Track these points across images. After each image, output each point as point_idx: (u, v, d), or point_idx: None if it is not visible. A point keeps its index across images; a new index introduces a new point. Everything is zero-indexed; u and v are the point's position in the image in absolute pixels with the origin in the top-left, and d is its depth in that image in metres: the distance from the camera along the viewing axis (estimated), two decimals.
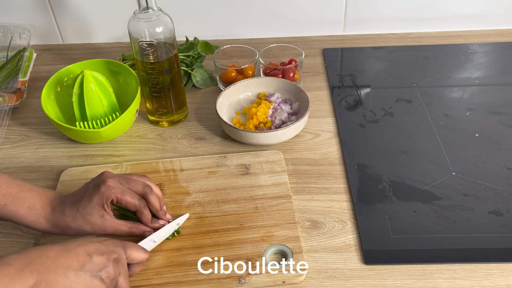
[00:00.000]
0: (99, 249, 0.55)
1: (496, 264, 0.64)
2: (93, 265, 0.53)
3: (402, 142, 0.84)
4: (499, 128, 0.85)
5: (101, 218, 0.64)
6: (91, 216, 0.63)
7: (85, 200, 0.64)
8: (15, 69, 1.00)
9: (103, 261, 0.54)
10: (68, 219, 0.64)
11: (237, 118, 0.88)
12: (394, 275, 0.64)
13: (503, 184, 0.75)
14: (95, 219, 0.63)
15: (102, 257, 0.54)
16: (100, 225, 0.64)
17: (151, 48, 0.78)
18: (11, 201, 0.63)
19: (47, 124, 0.91)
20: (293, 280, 0.62)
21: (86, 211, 0.63)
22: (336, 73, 1.01)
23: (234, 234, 0.68)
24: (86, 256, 0.53)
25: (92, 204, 0.63)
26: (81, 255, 0.53)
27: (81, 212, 0.63)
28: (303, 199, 0.74)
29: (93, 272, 0.53)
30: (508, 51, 1.06)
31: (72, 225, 0.64)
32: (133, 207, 0.65)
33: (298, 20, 1.12)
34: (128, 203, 0.64)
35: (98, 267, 0.54)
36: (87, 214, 0.63)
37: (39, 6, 1.08)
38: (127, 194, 0.64)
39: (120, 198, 0.64)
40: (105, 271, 0.54)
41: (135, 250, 0.60)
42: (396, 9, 1.09)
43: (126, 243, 0.59)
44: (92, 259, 0.53)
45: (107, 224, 0.64)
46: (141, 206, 0.65)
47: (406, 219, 0.70)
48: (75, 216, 0.63)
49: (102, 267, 0.54)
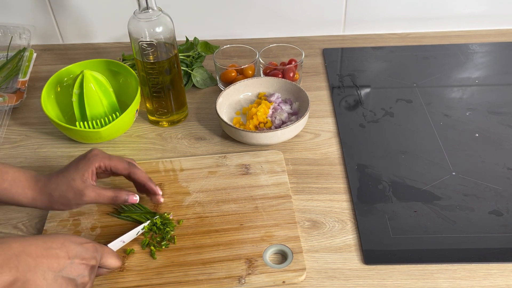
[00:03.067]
0: (80, 253, 0.54)
1: (496, 264, 0.64)
2: (72, 269, 0.53)
3: (402, 142, 0.84)
4: (499, 128, 0.85)
5: (83, 183, 0.64)
6: (74, 182, 0.64)
7: (71, 167, 0.65)
8: (15, 69, 1.00)
9: (82, 267, 0.54)
10: (52, 187, 0.64)
11: (237, 118, 0.88)
12: (394, 275, 0.64)
13: (503, 184, 0.75)
14: (77, 185, 0.64)
15: (82, 262, 0.54)
16: (82, 191, 0.64)
17: (151, 48, 0.78)
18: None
19: (47, 124, 0.91)
20: (293, 280, 0.62)
21: (70, 177, 0.64)
22: (336, 73, 1.01)
23: (234, 234, 0.68)
24: (66, 259, 0.53)
25: (78, 170, 0.64)
26: (62, 258, 0.52)
27: (66, 178, 0.64)
28: (303, 199, 0.74)
29: (70, 276, 0.53)
30: (508, 51, 1.06)
31: (55, 193, 0.64)
32: (124, 169, 0.66)
33: (298, 20, 1.12)
34: (118, 166, 0.65)
35: (76, 272, 0.53)
36: (71, 180, 0.64)
37: (39, 6, 1.08)
38: (115, 159, 0.65)
39: (108, 164, 0.65)
40: (81, 276, 0.54)
41: (110, 257, 0.60)
42: (396, 9, 1.09)
43: (104, 248, 0.59)
44: (72, 263, 0.53)
45: (89, 190, 0.64)
46: (131, 166, 0.66)
47: (406, 219, 0.70)
48: (59, 182, 0.64)
49: (79, 272, 0.54)
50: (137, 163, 0.79)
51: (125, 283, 0.62)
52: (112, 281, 0.63)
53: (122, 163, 0.66)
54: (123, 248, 0.66)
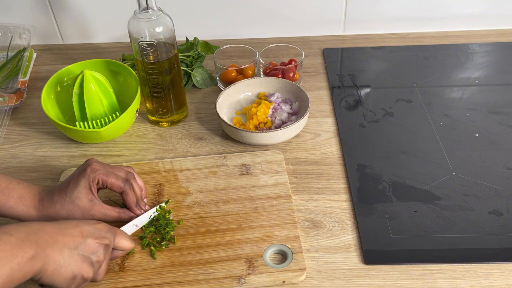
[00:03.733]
0: (93, 233, 0.56)
1: (496, 264, 0.64)
2: (87, 247, 0.55)
3: (402, 142, 0.84)
4: (499, 128, 0.85)
5: (90, 202, 0.64)
6: (80, 200, 0.64)
7: (72, 185, 0.65)
8: (15, 69, 1.00)
9: (96, 245, 0.56)
10: (57, 206, 0.64)
11: (237, 118, 0.88)
12: (394, 275, 0.64)
13: (503, 184, 0.75)
14: (84, 203, 0.64)
15: (95, 241, 0.56)
16: (89, 209, 0.64)
17: (151, 48, 0.78)
18: (1, 192, 0.63)
19: (47, 124, 0.91)
20: (293, 280, 0.62)
21: (74, 196, 0.64)
22: (336, 73, 1.01)
23: (234, 234, 0.68)
24: (80, 238, 0.55)
25: (80, 188, 0.64)
26: (76, 236, 0.55)
27: (70, 197, 0.64)
28: (303, 199, 0.74)
29: (85, 254, 0.55)
30: (508, 51, 1.06)
31: (61, 212, 0.64)
32: (118, 188, 0.66)
33: (298, 20, 1.12)
34: (113, 184, 0.65)
35: (91, 250, 0.55)
36: (76, 199, 0.64)
37: (39, 6, 1.08)
38: (112, 176, 0.65)
39: (105, 180, 0.65)
40: (96, 255, 0.56)
41: (123, 238, 0.61)
42: (396, 9, 1.09)
43: (116, 230, 0.61)
44: (86, 241, 0.55)
45: (96, 208, 0.65)
46: (126, 187, 0.66)
47: (406, 219, 0.70)
48: (64, 202, 0.64)
49: (94, 251, 0.56)
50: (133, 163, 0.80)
51: (125, 283, 0.62)
52: (112, 281, 0.63)
53: (118, 181, 0.66)
54: None
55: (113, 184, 0.65)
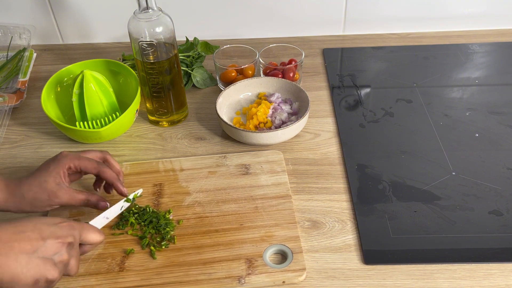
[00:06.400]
0: (54, 232, 0.54)
1: (496, 264, 0.64)
2: (47, 249, 0.53)
3: (402, 142, 0.84)
4: (499, 128, 0.85)
5: (57, 185, 0.64)
6: (48, 184, 0.64)
7: (41, 169, 0.65)
8: (15, 69, 1.00)
9: (57, 245, 0.54)
10: (24, 188, 0.64)
11: (237, 118, 0.88)
12: (394, 275, 0.64)
13: (503, 184, 0.75)
14: (51, 187, 0.64)
15: (57, 241, 0.54)
16: (56, 192, 0.64)
17: (151, 48, 0.78)
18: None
19: (47, 124, 0.91)
20: (293, 280, 0.62)
21: (42, 179, 0.64)
22: (336, 73, 1.01)
23: (234, 234, 0.68)
24: (39, 240, 0.52)
25: (49, 172, 0.64)
26: (34, 240, 0.52)
27: (38, 180, 0.64)
28: (303, 199, 0.74)
29: (46, 256, 0.52)
30: (508, 51, 1.06)
31: (28, 194, 0.64)
32: (93, 169, 0.66)
33: (298, 20, 1.12)
34: (87, 166, 0.65)
35: (52, 251, 0.53)
36: (44, 182, 0.64)
37: (39, 6, 1.08)
38: (84, 159, 0.65)
39: (77, 164, 0.65)
40: (59, 255, 0.54)
41: (91, 232, 0.60)
42: (396, 9, 1.09)
43: (83, 225, 0.59)
44: (46, 243, 0.53)
45: (63, 192, 0.64)
46: (100, 166, 0.66)
47: (406, 219, 0.70)
48: (31, 184, 0.64)
49: (55, 251, 0.53)
50: (133, 162, 0.80)
51: (125, 283, 0.62)
52: (112, 281, 0.63)
53: (91, 163, 0.66)
54: (124, 248, 0.66)
55: (87, 165, 0.65)
